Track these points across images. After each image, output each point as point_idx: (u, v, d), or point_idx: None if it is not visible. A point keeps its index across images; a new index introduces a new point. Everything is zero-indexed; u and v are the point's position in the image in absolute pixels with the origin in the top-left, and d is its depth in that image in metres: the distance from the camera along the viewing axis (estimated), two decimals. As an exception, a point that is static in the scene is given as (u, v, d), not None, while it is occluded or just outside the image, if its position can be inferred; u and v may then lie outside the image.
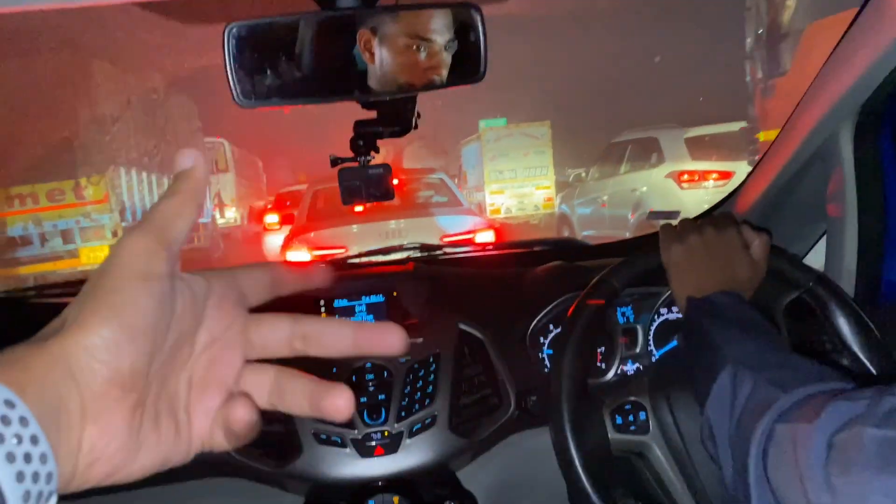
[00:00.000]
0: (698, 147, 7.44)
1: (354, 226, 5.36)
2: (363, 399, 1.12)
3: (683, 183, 7.18)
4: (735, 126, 7.74)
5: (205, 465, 1.11)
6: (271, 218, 9.94)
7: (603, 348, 1.26)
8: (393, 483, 1.09)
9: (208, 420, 0.46)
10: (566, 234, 10.03)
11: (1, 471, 0.31)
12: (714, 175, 7.08)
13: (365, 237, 5.10)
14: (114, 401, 0.39)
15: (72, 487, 0.38)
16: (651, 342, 1.28)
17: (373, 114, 1.14)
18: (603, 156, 9.58)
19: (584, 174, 10.49)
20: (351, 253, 1.58)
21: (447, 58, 1.02)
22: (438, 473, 1.13)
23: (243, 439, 0.45)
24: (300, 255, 5.14)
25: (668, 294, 1.24)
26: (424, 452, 1.09)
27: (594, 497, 0.92)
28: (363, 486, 1.09)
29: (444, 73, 1.02)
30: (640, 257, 1.05)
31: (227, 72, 0.91)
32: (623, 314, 1.29)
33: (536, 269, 1.36)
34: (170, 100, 12.71)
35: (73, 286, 1.45)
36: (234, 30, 0.91)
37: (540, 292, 1.28)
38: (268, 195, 22.65)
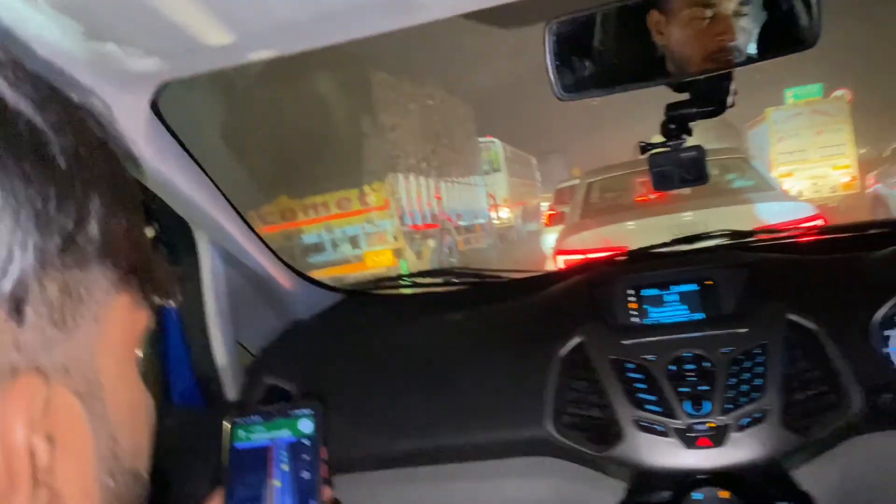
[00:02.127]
0: None
1: (636, 221, 4.90)
2: (683, 389, 1.14)
3: None
4: None
5: (529, 444, 1.22)
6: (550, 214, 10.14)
7: None
8: (720, 476, 1.11)
9: None
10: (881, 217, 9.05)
11: None
12: None
13: (652, 234, 4.44)
14: None
15: None
16: None
17: (684, 95, 1.17)
18: None
19: None
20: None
21: (744, 23, 1.01)
22: (769, 471, 1.12)
23: None
24: (572, 257, 4.73)
25: None
26: (754, 448, 1.09)
27: None
28: (688, 476, 1.12)
29: (741, 39, 1.01)
30: None
31: (548, 67, 1.01)
32: None
33: (878, 253, 1.27)
34: (445, 104, 13.37)
35: (395, 280, 1.69)
36: (554, 26, 1.00)
37: (885, 278, 1.20)
38: (542, 192, 23.09)
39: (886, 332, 1.20)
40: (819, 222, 4.47)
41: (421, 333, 1.43)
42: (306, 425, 0.78)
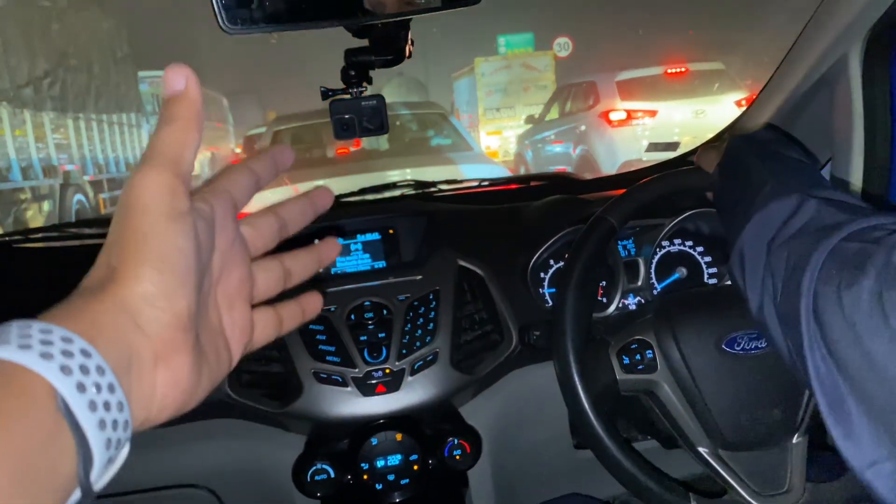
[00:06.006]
0: (628, 89, 8.67)
1: (329, 180, 4.44)
2: (363, 338, 1.20)
3: (613, 122, 8.46)
4: (658, 69, 9.06)
5: (206, 407, 1.19)
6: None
7: (604, 282, 1.35)
8: (395, 420, 1.19)
9: (244, 334, 0.53)
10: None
11: (84, 418, 0.35)
12: (639, 114, 8.40)
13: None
14: (180, 343, 0.44)
15: (144, 428, 0.42)
16: (653, 275, 1.37)
17: (364, 42, 1.19)
18: (555, 97, 11.14)
19: (535, 115, 11.71)
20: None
21: None
22: (441, 410, 1.23)
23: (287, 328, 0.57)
24: None
25: (670, 226, 1.32)
26: (426, 389, 1.18)
27: (600, 430, 1.01)
28: (365, 423, 1.18)
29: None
30: (636, 191, 1.12)
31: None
32: (624, 247, 1.38)
33: (536, 203, 1.44)
34: (76, 12, 10.42)
35: (51, 230, 1.52)
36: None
37: (540, 227, 1.36)
38: (237, 139, 21.99)
39: (542, 274, 1.36)
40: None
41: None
42: None
